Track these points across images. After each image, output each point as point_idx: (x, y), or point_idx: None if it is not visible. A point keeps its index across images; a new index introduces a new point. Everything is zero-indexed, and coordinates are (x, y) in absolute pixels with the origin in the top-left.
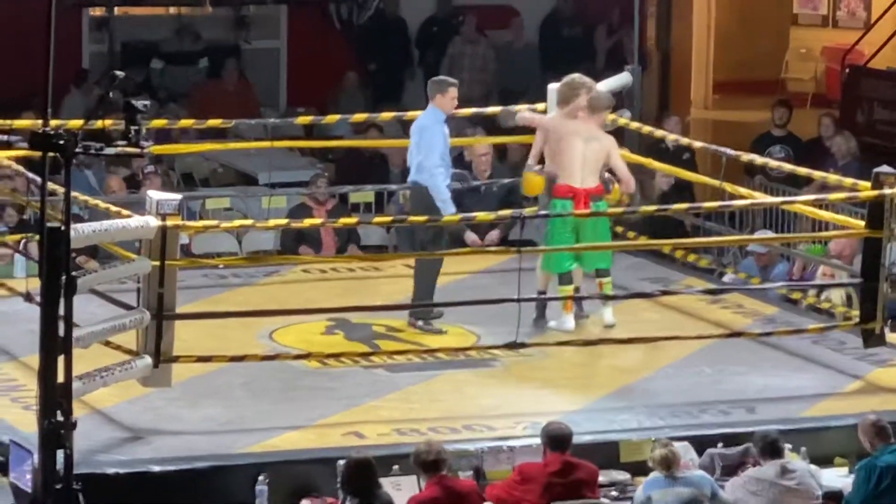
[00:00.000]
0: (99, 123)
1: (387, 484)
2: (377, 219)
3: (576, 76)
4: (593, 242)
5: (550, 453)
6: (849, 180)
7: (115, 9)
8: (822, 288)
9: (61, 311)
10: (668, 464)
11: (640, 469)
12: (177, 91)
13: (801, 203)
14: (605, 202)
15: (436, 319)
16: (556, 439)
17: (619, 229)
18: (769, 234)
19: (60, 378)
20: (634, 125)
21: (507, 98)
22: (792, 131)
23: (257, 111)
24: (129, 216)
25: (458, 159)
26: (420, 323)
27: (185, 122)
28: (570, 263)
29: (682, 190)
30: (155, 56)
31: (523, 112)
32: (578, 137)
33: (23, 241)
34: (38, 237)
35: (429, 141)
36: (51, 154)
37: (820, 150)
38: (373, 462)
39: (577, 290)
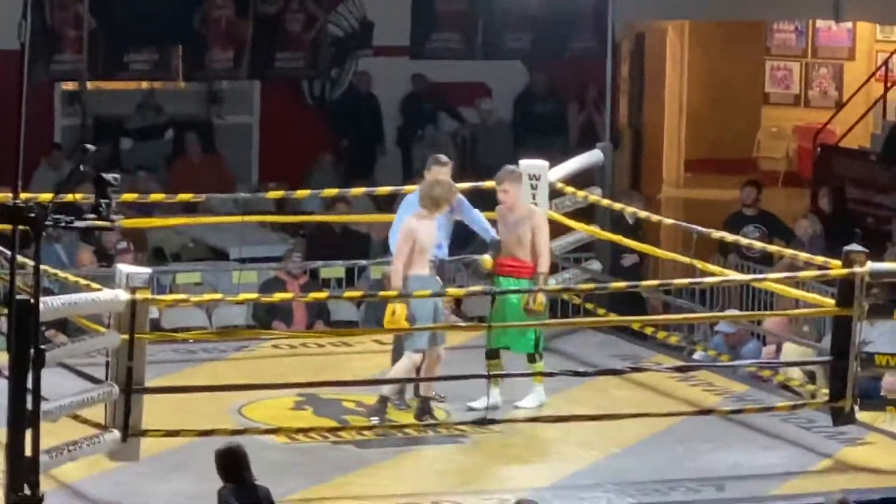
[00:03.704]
0: (69, 197)
1: None
2: (348, 293)
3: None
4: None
5: None
6: (819, 259)
7: (88, 83)
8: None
9: (29, 385)
10: None
11: None
12: (148, 165)
13: (771, 280)
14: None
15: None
16: None
17: (590, 306)
18: (738, 312)
19: (28, 452)
20: (605, 202)
21: (480, 174)
22: (765, 209)
23: (232, 186)
24: (99, 290)
25: None
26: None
27: (156, 197)
28: None
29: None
30: (125, 130)
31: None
32: None
33: None
34: (6, 310)
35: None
36: (21, 227)
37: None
38: (241, 450)
39: None
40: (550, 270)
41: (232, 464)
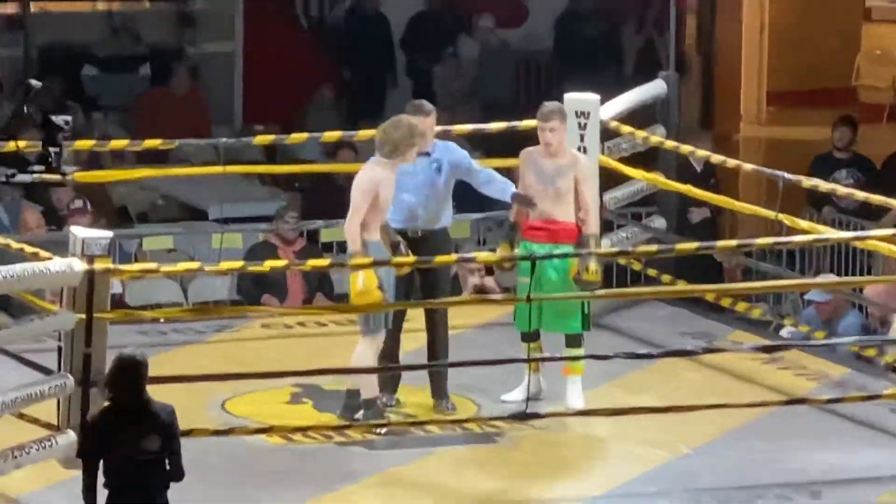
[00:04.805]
0: (11, 145)
1: None
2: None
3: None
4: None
5: None
6: None
7: (31, 5)
8: None
9: None
10: None
11: None
12: (110, 104)
13: (875, 239)
14: None
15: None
16: None
17: (653, 272)
18: (833, 278)
19: None
20: (670, 144)
21: (514, 111)
22: (861, 152)
23: (207, 129)
24: (48, 258)
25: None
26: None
27: (118, 144)
28: None
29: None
30: (83, 61)
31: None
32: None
33: None
34: None
35: None
36: None
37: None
38: (130, 364)
39: None
40: (602, 229)
41: (117, 378)
